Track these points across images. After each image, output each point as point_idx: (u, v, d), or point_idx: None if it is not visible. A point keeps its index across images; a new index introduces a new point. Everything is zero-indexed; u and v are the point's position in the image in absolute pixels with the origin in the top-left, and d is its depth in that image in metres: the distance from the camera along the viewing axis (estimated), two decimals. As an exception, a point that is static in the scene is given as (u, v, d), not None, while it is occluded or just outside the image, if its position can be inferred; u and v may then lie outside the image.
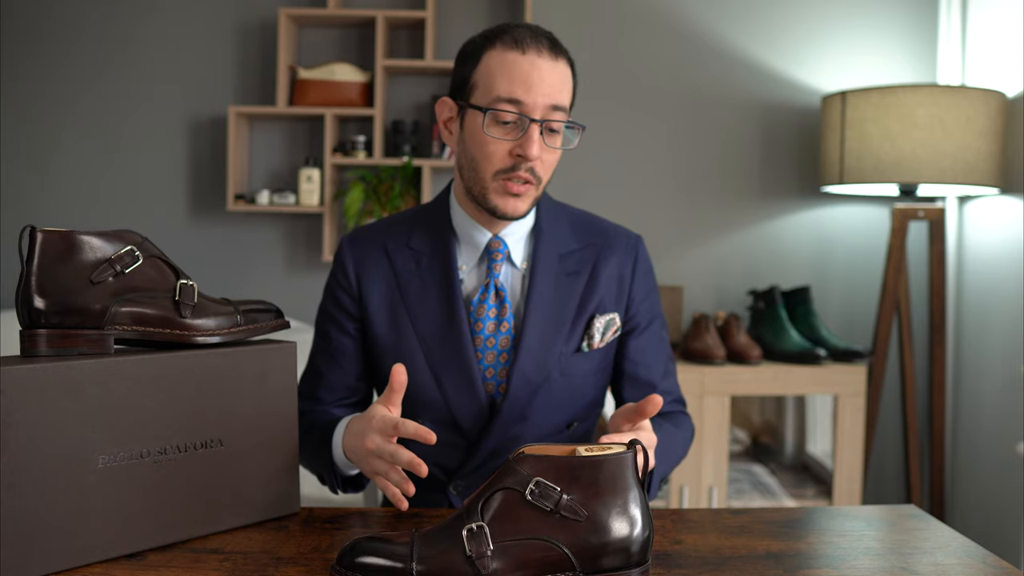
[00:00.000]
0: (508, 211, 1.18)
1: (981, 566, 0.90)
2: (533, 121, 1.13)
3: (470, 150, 1.18)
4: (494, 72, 1.14)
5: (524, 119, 1.13)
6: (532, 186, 1.17)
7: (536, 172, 1.16)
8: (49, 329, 0.88)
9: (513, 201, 1.17)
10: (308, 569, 0.86)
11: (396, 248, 1.27)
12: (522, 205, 1.18)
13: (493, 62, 1.15)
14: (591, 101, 2.78)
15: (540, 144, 1.14)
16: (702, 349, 2.48)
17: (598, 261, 1.27)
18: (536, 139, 1.13)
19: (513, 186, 1.16)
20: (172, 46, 2.81)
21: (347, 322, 1.28)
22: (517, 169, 1.15)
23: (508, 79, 1.13)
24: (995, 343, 2.47)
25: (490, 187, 1.17)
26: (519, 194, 1.17)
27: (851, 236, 2.81)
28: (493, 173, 1.16)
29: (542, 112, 1.14)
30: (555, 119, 1.15)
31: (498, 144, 1.15)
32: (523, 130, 1.14)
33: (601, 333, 1.25)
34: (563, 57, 1.17)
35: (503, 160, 1.15)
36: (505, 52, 1.14)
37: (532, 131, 1.13)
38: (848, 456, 2.47)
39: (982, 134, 2.32)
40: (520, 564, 0.78)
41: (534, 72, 1.13)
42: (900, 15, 2.78)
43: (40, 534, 0.83)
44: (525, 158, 1.14)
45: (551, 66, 1.14)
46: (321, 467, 1.18)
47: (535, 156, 1.14)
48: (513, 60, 1.13)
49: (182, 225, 2.82)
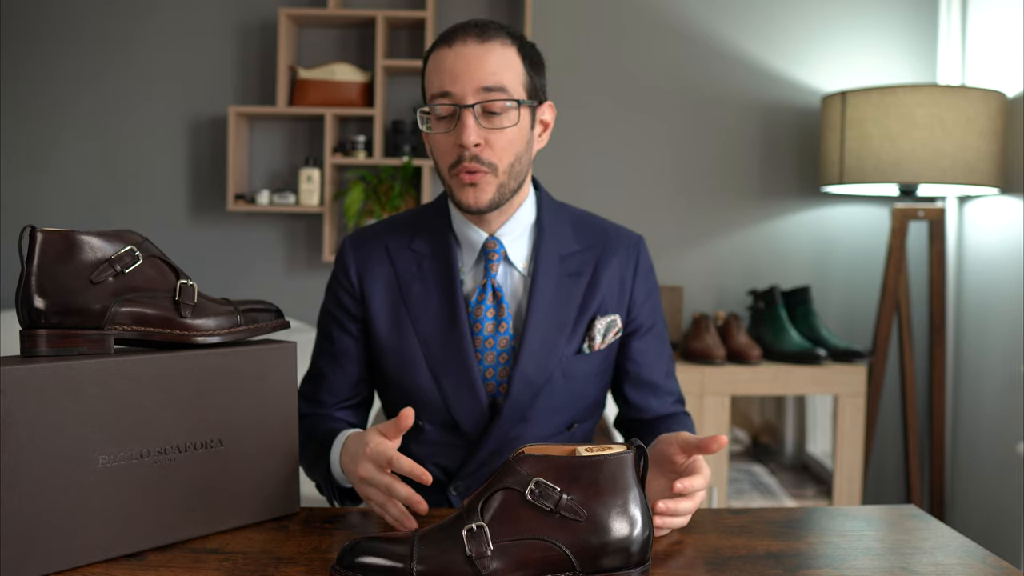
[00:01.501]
0: (470, 203, 1.17)
1: (981, 566, 0.90)
2: (464, 108, 1.14)
3: (431, 153, 1.21)
4: (429, 74, 1.18)
5: (457, 108, 1.14)
6: (486, 174, 1.16)
7: (483, 159, 1.15)
8: (49, 329, 0.88)
9: (472, 192, 1.17)
10: (308, 569, 0.86)
11: (398, 249, 1.27)
12: (483, 195, 1.17)
13: (429, 65, 1.19)
14: (591, 101, 2.79)
15: (475, 129, 1.14)
16: (702, 349, 2.48)
17: (600, 262, 1.27)
18: (469, 124, 1.13)
19: (466, 176, 1.16)
20: (172, 46, 2.81)
21: (349, 323, 1.28)
22: (462, 160, 1.15)
23: (438, 75, 1.16)
24: (995, 343, 2.47)
25: (451, 184, 1.18)
26: (474, 183, 1.16)
27: (851, 236, 2.81)
28: (447, 169, 1.18)
29: (474, 97, 1.14)
30: (490, 99, 1.14)
31: (442, 139, 1.17)
32: (459, 119, 1.15)
33: (602, 335, 1.25)
34: (495, 39, 1.16)
35: (450, 153, 1.16)
36: (436, 52, 1.17)
37: (464, 117, 1.14)
38: (848, 456, 2.47)
39: (982, 134, 2.32)
40: (520, 564, 0.78)
41: (459, 61, 1.14)
42: (900, 15, 2.78)
43: (40, 534, 0.83)
44: (464, 146, 1.14)
45: (478, 51, 1.14)
46: (319, 478, 1.17)
47: (471, 142, 1.13)
48: (441, 56, 1.16)
49: (182, 225, 2.82)
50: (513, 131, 1.17)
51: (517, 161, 1.19)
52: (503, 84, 1.15)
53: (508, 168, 1.18)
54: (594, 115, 2.78)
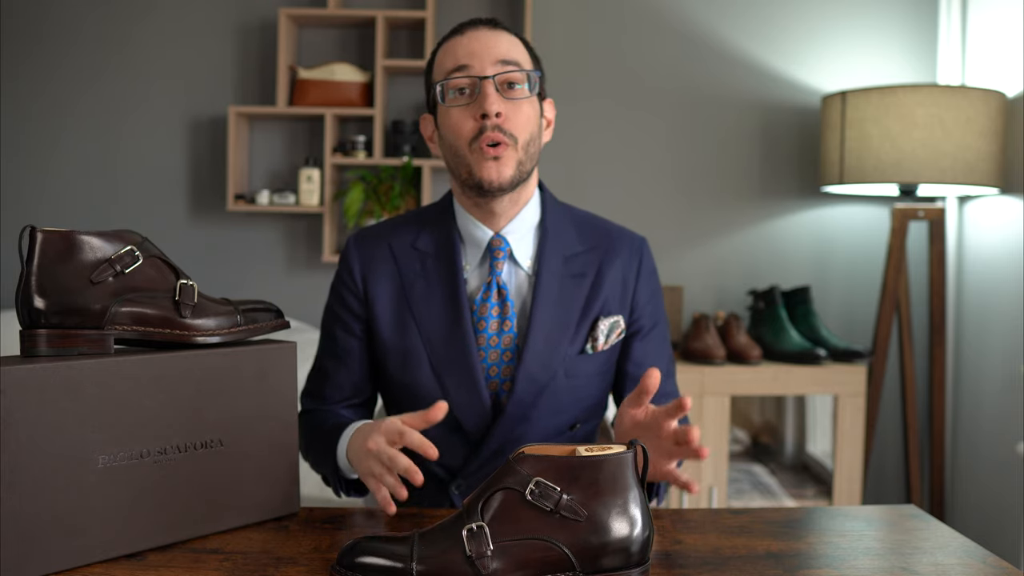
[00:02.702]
0: (492, 177, 1.17)
1: (981, 566, 0.90)
2: (484, 78, 1.15)
3: (446, 138, 1.20)
4: (441, 59, 1.21)
5: (476, 80, 1.16)
6: (508, 147, 1.16)
7: (506, 129, 1.16)
8: (49, 329, 0.88)
9: (495, 165, 1.16)
10: (308, 569, 0.86)
11: (402, 248, 1.27)
12: (505, 169, 1.17)
13: (440, 55, 1.21)
14: (591, 101, 2.79)
15: (497, 99, 1.15)
16: (702, 349, 2.48)
17: (603, 263, 1.27)
18: (491, 94, 1.15)
19: (488, 149, 1.16)
20: (172, 46, 2.81)
21: (353, 323, 1.28)
22: (484, 131, 1.16)
23: (452, 55, 1.18)
24: (995, 343, 2.47)
25: (471, 160, 1.17)
26: (497, 156, 1.16)
27: (851, 236, 2.81)
28: (467, 144, 1.17)
29: (493, 69, 1.16)
30: (508, 70, 1.17)
31: (461, 112, 1.17)
32: (479, 91, 1.16)
33: (605, 335, 1.25)
34: (504, 29, 1.21)
35: (471, 128, 1.16)
36: (447, 42, 1.21)
37: (485, 87, 1.15)
38: (848, 456, 2.47)
39: (982, 134, 2.32)
40: (520, 564, 0.78)
41: (475, 41, 1.18)
42: (900, 15, 2.78)
43: (40, 534, 0.83)
44: (487, 115, 1.15)
45: (491, 34, 1.19)
46: (326, 468, 1.18)
47: (493, 110, 1.14)
48: (454, 42, 1.20)
49: (182, 225, 2.82)
50: (528, 106, 1.19)
51: (532, 141, 1.20)
52: (517, 59, 1.18)
53: (525, 145, 1.19)
54: (594, 115, 2.78)
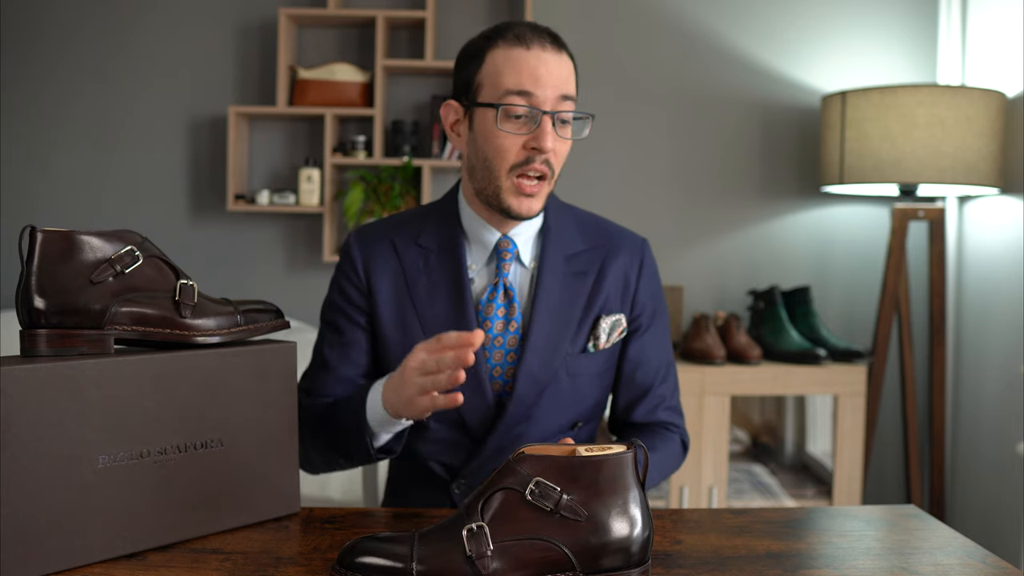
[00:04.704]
0: (523, 212, 1.18)
1: (981, 566, 0.90)
2: (545, 113, 1.14)
3: (482, 150, 1.18)
4: (500, 69, 1.15)
5: (536, 111, 1.14)
6: (545, 181, 1.18)
7: (551, 164, 1.17)
8: (49, 329, 0.88)
9: (528, 201, 1.18)
10: (308, 569, 0.86)
11: (405, 245, 1.26)
12: (536, 204, 1.19)
13: (499, 59, 1.15)
14: (591, 101, 2.78)
15: (553, 135, 1.15)
16: (702, 349, 2.48)
17: (605, 262, 1.27)
18: (550, 131, 1.14)
19: (526, 186, 1.16)
20: (172, 46, 2.81)
21: (357, 315, 1.27)
22: (532, 162, 1.15)
23: (516, 74, 1.14)
24: (995, 343, 2.47)
25: (504, 186, 1.17)
26: (532, 194, 1.17)
27: (851, 236, 2.81)
28: (508, 169, 1.16)
29: (552, 103, 1.15)
30: (565, 109, 1.16)
31: (511, 139, 1.15)
32: (536, 123, 1.14)
33: (607, 334, 1.25)
34: (565, 51, 1.19)
35: (517, 155, 1.16)
36: (510, 49, 1.15)
37: (545, 123, 1.14)
38: (848, 456, 2.47)
39: (982, 134, 2.32)
40: (520, 564, 0.78)
41: (541, 66, 1.14)
42: (900, 15, 2.78)
43: (40, 534, 0.83)
44: (540, 150, 1.14)
45: (556, 59, 1.16)
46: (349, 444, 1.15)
47: (550, 148, 1.14)
48: (519, 56, 1.14)
49: (182, 225, 2.82)
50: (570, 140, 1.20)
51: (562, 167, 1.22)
52: (573, 95, 1.18)
53: (557, 175, 1.21)
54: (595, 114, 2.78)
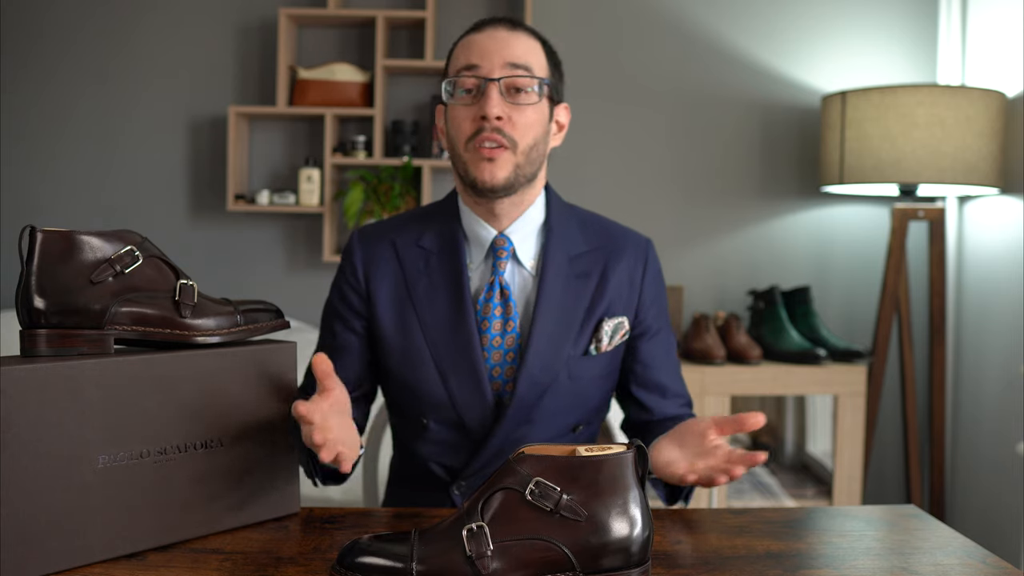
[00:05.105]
0: (485, 178, 1.17)
1: (981, 566, 0.90)
2: (490, 80, 1.16)
3: (449, 133, 1.22)
4: (454, 55, 1.21)
5: (482, 81, 1.16)
6: (506, 150, 1.17)
7: (505, 132, 1.16)
8: (49, 329, 0.88)
9: (488, 167, 1.17)
10: (308, 569, 0.86)
11: (405, 246, 1.26)
12: (499, 172, 1.17)
13: (455, 50, 1.22)
14: (591, 101, 2.78)
15: (499, 102, 1.15)
16: (702, 349, 2.48)
17: (608, 264, 1.27)
18: (493, 96, 1.15)
19: (484, 150, 1.16)
20: (172, 46, 2.80)
21: (353, 319, 1.27)
22: (483, 132, 1.16)
23: (465, 52, 1.19)
24: (995, 343, 2.47)
25: (466, 159, 1.19)
26: (492, 158, 1.16)
27: (851, 236, 2.81)
28: (464, 142, 1.18)
29: (500, 71, 1.16)
30: (516, 74, 1.17)
31: (463, 111, 1.18)
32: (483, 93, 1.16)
33: (609, 336, 1.25)
34: (524, 31, 1.21)
35: (470, 127, 1.17)
36: (465, 38, 1.21)
37: (488, 89, 1.16)
38: (848, 456, 2.47)
39: (982, 134, 2.32)
40: (520, 564, 0.78)
41: (490, 41, 1.18)
42: (900, 15, 2.78)
43: (40, 534, 0.83)
44: (486, 117, 1.15)
45: (508, 34, 1.19)
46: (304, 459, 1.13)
47: (493, 113, 1.14)
48: (471, 39, 1.20)
49: (182, 225, 2.82)
50: (534, 112, 1.19)
51: (535, 146, 1.20)
52: (529, 64, 1.18)
53: (527, 149, 1.19)
54: (594, 114, 2.78)
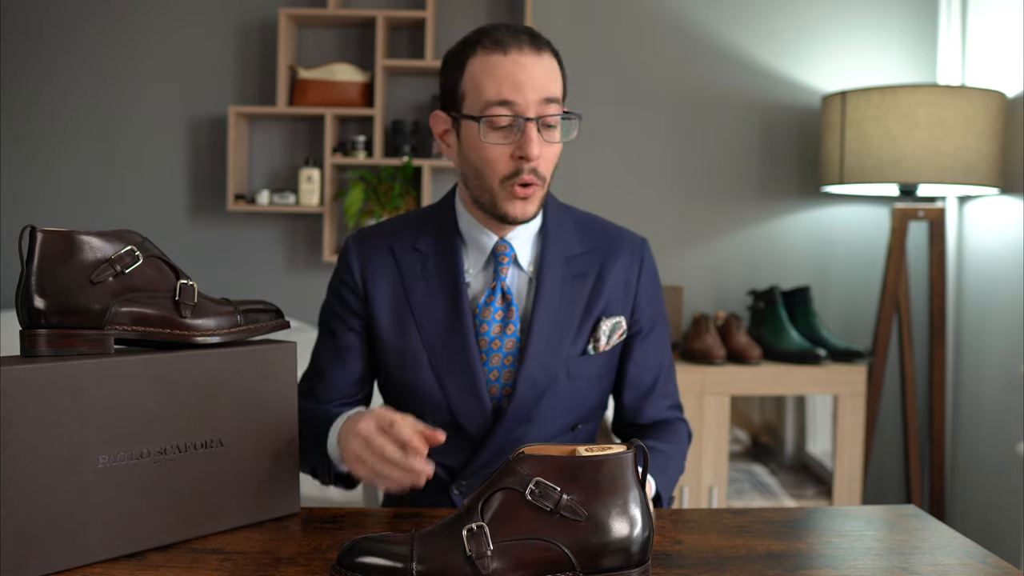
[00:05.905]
0: (519, 216, 1.17)
1: (981, 566, 0.90)
2: (528, 120, 1.12)
3: (472, 161, 1.17)
4: (479, 78, 1.14)
5: (519, 119, 1.12)
6: (537, 186, 1.17)
7: (539, 172, 1.15)
8: (49, 329, 0.88)
9: (522, 205, 1.17)
10: (308, 569, 0.86)
11: (402, 250, 1.26)
12: (531, 208, 1.18)
13: (477, 69, 1.14)
14: (591, 101, 2.78)
15: (539, 142, 1.13)
16: (702, 349, 2.48)
17: (605, 263, 1.27)
18: (534, 138, 1.12)
19: (520, 190, 1.15)
20: (172, 46, 2.80)
21: (353, 320, 1.27)
22: (521, 173, 1.14)
23: (495, 82, 1.12)
24: (995, 343, 2.47)
25: (499, 195, 1.17)
26: (527, 197, 1.16)
27: (851, 236, 2.81)
28: (499, 180, 1.15)
29: (535, 109, 1.13)
30: (550, 113, 1.14)
31: (498, 149, 1.14)
32: (520, 131, 1.13)
33: (607, 336, 1.25)
34: (546, 49, 1.16)
35: (506, 165, 1.14)
36: (487, 56, 1.13)
37: (529, 130, 1.12)
38: (848, 456, 2.47)
39: (982, 134, 2.32)
40: (520, 564, 0.78)
41: (519, 71, 1.12)
42: (900, 15, 2.78)
43: (40, 534, 0.83)
44: (527, 159, 1.13)
45: (535, 61, 1.13)
46: (315, 456, 1.15)
47: (536, 156, 1.13)
48: (496, 62, 1.13)
49: (182, 225, 2.82)
50: (559, 145, 1.18)
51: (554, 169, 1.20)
52: (557, 96, 1.15)
53: (550, 179, 1.19)
54: (594, 115, 2.78)
